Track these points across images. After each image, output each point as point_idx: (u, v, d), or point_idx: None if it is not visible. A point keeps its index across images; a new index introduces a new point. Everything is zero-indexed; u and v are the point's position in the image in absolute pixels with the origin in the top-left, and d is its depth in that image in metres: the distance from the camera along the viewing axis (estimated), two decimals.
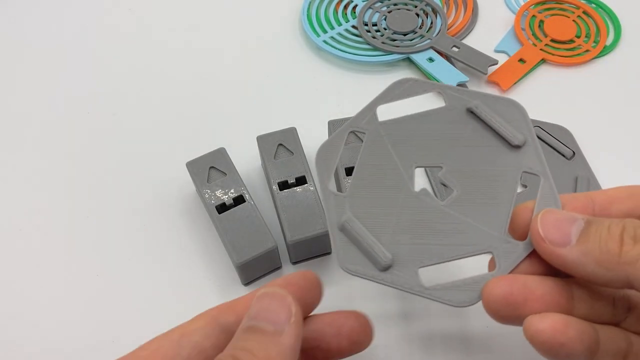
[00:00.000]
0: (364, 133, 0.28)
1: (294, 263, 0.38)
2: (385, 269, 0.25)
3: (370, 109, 0.28)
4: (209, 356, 0.23)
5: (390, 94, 0.29)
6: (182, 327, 0.24)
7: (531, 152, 0.27)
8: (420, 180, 0.38)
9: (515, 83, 0.46)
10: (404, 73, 0.48)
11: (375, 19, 0.50)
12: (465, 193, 0.27)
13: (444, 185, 0.36)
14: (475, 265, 0.26)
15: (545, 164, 0.27)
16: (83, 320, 0.36)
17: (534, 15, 0.50)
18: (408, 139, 0.28)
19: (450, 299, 0.25)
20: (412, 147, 0.28)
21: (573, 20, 0.50)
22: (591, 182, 0.39)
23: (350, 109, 0.45)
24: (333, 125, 0.40)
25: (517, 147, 0.27)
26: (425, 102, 0.30)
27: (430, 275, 0.27)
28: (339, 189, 0.38)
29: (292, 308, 0.22)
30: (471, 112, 0.28)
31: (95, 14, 0.53)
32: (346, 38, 0.49)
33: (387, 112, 0.29)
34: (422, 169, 0.30)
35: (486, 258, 0.26)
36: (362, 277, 0.26)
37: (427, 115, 0.29)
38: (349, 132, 0.28)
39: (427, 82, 0.29)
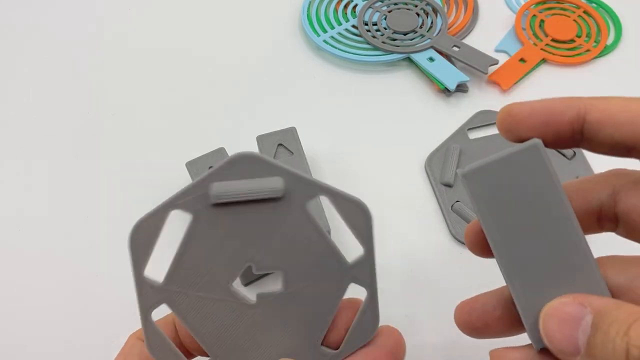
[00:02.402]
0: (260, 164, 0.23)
1: None
2: None
3: (200, 186, 0.23)
4: None
5: (227, 172, 0.23)
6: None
7: (365, 265, 0.24)
8: None
9: (515, 83, 0.46)
10: (405, 73, 0.48)
11: (375, 18, 0.50)
12: (290, 300, 0.24)
13: None
14: None
15: (375, 279, 0.24)
16: (83, 320, 0.36)
17: (534, 15, 0.50)
18: (240, 230, 0.24)
19: None
20: (244, 240, 0.24)
21: (574, 20, 0.50)
22: None
23: (350, 109, 0.45)
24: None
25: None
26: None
27: None
28: None
29: None
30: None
31: (95, 13, 0.53)
32: (346, 38, 0.49)
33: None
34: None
35: None
36: None
37: (264, 203, 0.24)
38: (170, 210, 0.24)
39: (269, 163, 0.24)
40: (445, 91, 0.46)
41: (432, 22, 0.49)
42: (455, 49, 0.47)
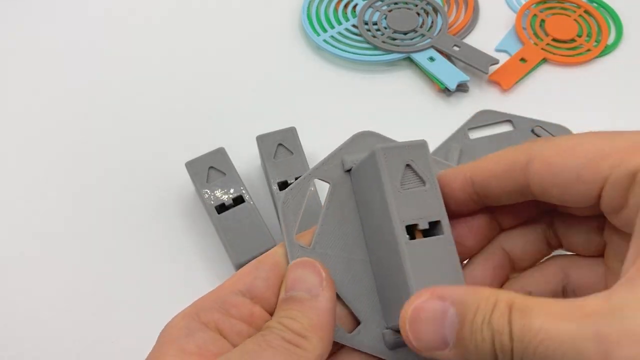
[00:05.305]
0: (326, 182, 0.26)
1: None
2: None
3: (334, 157, 0.26)
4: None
5: (352, 147, 0.26)
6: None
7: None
8: None
9: (516, 82, 0.46)
10: (405, 72, 0.48)
11: (375, 18, 0.50)
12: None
13: None
14: None
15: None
16: (83, 320, 0.36)
17: (535, 14, 0.50)
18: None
19: None
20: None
21: (574, 20, 0.50)
22: None
23: (350, 109, 0.45)
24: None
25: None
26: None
27: None
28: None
29: (322, 272, 0.23)
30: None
31: (95, 14, 0.53)
32: (346, 37, 0.49)
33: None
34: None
35: None
36: None
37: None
38: (311, 179, 0.26)
39: (385, 137, 0.27)
40: (446, 91, 0.46)
41: (432, 22, 0.49)
42: (456, 48, 0.47)
